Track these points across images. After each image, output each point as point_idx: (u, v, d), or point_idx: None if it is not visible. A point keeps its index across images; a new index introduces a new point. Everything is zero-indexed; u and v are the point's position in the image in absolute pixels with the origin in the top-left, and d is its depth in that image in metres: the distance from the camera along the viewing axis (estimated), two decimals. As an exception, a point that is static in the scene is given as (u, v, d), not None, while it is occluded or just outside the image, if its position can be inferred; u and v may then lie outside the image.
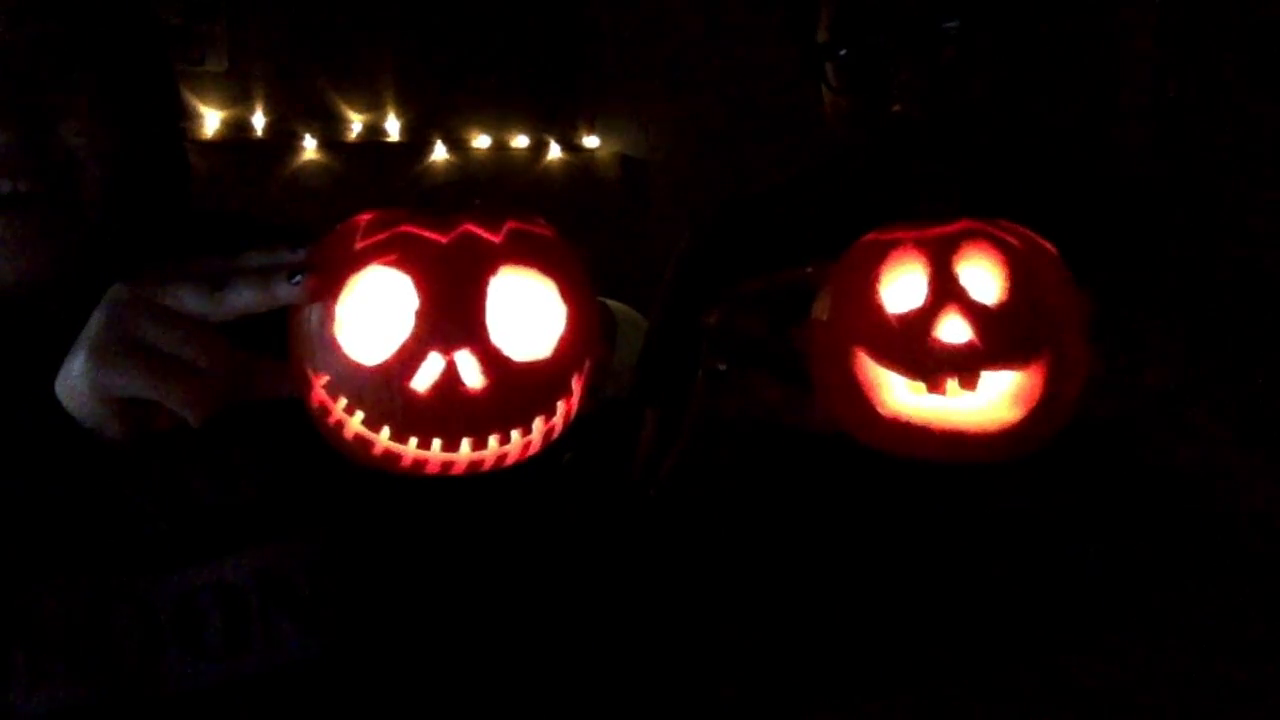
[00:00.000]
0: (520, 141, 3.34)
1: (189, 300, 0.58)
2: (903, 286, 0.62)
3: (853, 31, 0.95)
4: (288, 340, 0.60)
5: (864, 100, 0.95)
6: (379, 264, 0.57)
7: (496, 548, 0.91)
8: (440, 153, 3.19)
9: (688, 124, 3.42)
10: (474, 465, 0.58)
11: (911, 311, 0.61)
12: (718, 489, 0.97)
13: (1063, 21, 2.55)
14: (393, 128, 3.17)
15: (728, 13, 3.25)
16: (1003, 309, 0.60)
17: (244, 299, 0.58)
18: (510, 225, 0.59)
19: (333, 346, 0.57)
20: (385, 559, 0.86)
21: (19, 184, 0.70)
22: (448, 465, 0.58)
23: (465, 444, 0.57)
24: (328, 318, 0.57)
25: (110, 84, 0.74)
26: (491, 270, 0.57)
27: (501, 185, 3.24)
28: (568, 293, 0.59)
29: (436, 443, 0.57)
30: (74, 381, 0.60)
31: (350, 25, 3.11)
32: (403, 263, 0.56)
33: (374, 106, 3.16)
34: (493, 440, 0.57)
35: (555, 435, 0.60)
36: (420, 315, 0.56)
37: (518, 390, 0.57)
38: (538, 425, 0.59)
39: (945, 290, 0.61)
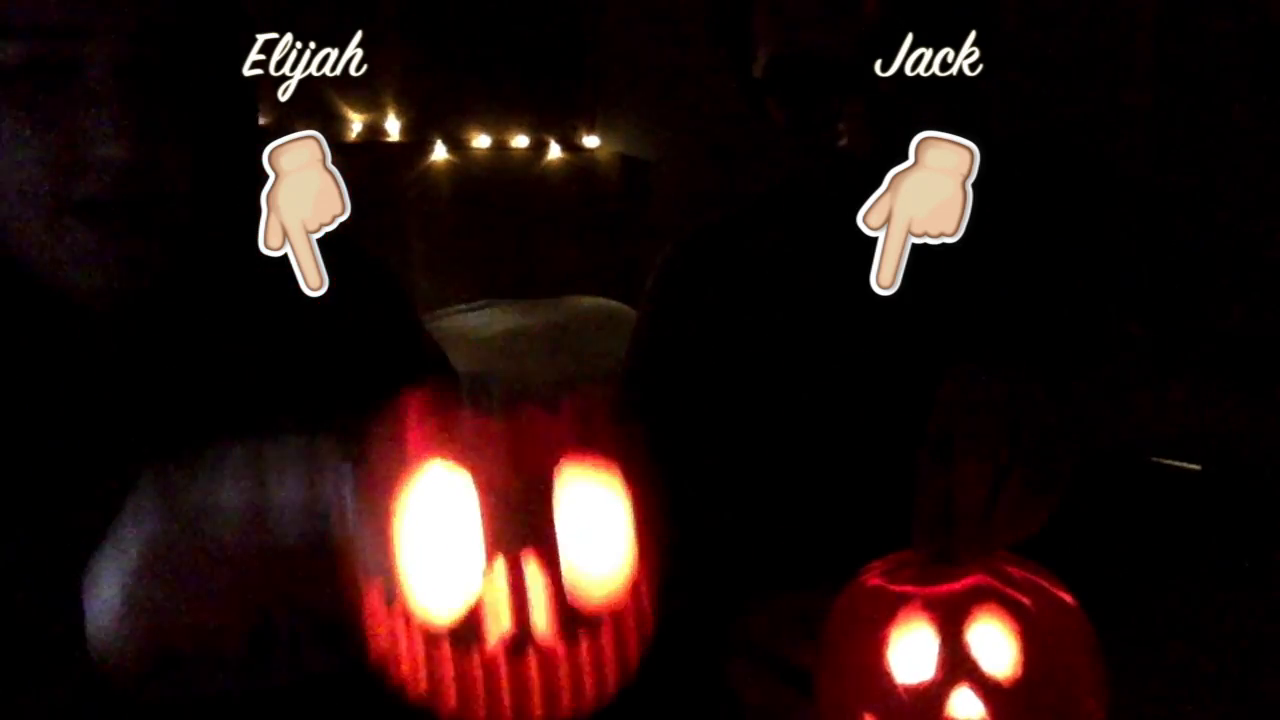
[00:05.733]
0: (520, 141, 3.34)
1: (229, 495, 0.55)
2: (910, 648, 0.62)
3: (787, 72, 0.94)
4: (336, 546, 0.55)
5: (808, 138, 0.95)
6: (438, 459, 0.53)
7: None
8: (440, 153, 3.19)
9: (688, 124, 3.42)
10: None
11: (922, 684, 0.61)
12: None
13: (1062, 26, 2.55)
14: (393, 128, 3.17)
15: (728, 13, 3.24)
16: (1016, 685, 0.60)
17: (289, 494, 0.54)
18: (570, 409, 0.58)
19: (387, 549, 0.53)
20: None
21: (123, 197, 0.71)
22: None
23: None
24: (384, 517, 0.53)
25: (213, 112, 0.76)
26: (556, 464, 0.55)
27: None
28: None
29: None
30: (107, 626, 0.59)
31: (350, 25, 3.10)
32: (462, 457, 0.53)
33: (374, 106, 3.16)
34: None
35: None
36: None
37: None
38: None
39: (956, 662, 0.61)
